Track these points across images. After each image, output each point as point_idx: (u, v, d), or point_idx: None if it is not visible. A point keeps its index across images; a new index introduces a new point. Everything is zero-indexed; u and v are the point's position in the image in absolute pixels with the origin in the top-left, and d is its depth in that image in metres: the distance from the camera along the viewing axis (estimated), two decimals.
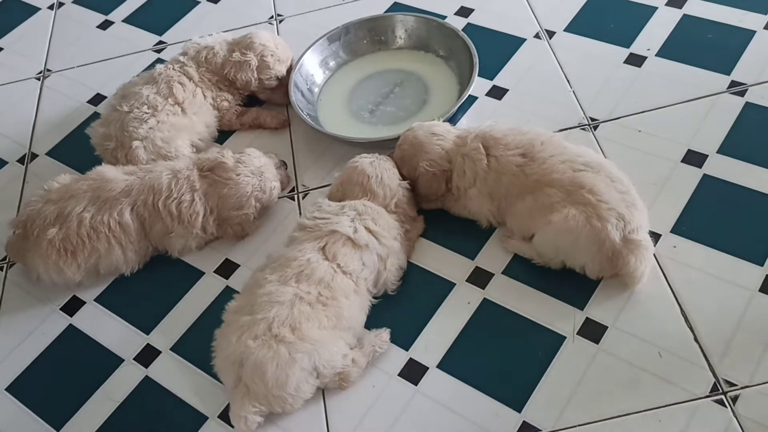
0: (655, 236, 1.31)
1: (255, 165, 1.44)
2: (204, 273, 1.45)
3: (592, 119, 1.55)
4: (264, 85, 1.65)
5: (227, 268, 1.45)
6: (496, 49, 1.73)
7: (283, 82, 1.67)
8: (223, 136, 1.69)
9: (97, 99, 1.85)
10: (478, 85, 1.64)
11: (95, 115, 1.77)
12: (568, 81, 1.63)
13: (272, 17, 1.96)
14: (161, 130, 1.54)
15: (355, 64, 1.75)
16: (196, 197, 1.40)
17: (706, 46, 1.62)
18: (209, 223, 1.43)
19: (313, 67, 1.72)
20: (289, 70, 1.68)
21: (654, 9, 1.72)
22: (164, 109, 1.57)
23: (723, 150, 1.43)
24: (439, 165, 1.38)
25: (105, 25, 2.06)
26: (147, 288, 1.45)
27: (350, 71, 1.74)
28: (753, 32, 1.62)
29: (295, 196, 1.55)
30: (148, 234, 1.43)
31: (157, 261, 1.47)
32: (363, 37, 1.76)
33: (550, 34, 1.74)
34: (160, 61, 1.87)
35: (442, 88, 1.66)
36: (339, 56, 1.75)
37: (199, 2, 2.06)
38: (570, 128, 1.54)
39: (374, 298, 1.31)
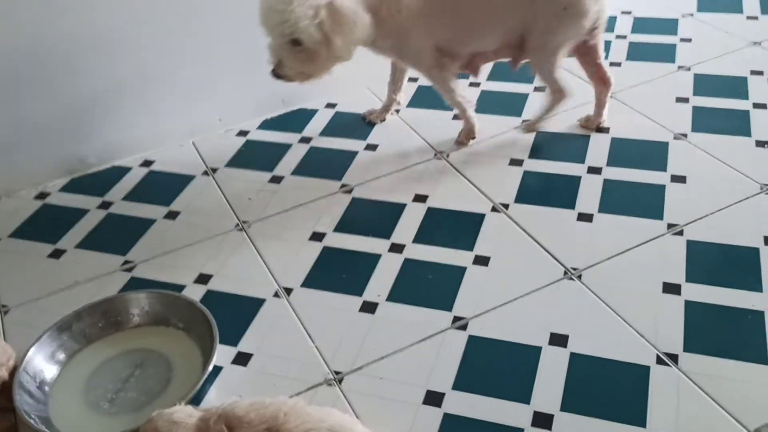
0: None
1: None
2: None
3: (337, 372, 1.59)
4: None
5: None
6: (237, 313, 1.75)
7: (6, 385, 1.53)
8: None
9: None
10: (223, 354, 1.63)
11: None
12: (309, 336, 1.68)
13: None
14: None
15: (91, 351, 1.67)
16: None
17: (428, 285, 1.78)
18: None
19: (41, 362, 1.60)
20: (13, 371, 1.55)
21: (378, 256, 1.88)
22: None
23: (457, 386, 1.52)
24: None
25: None
26: None
27: (85, 359, 1.65)
28: (464, 268, 1.82)
29: None
30: None
31: None
32: (97, 321, 1.70)
33: (288, 291, 1.81)
34: None
35: (185, 363, 1.62)
36: (70, 345, 1.66)
37: None
38: (317, 385, 1.56)
39: None
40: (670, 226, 1.86)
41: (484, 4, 1.95)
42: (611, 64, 2.59)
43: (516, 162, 2.16)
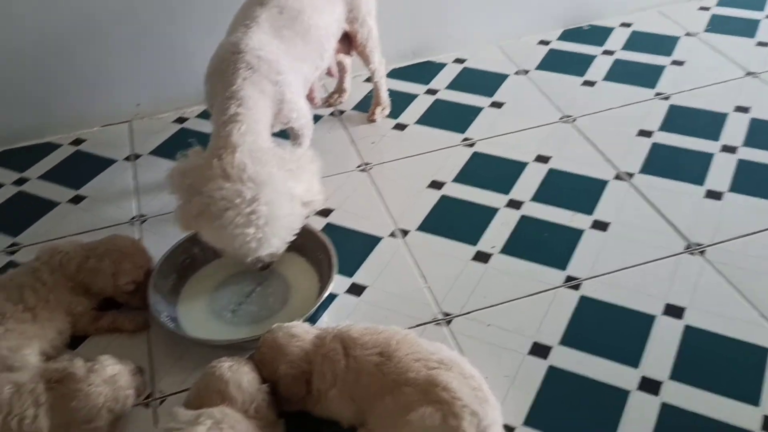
0: (510, 429, 1.36)
1: (108, 373, 1.39)
2: None
3: (446, 314, 1.63)
4: (122, 289, 1.63)
5: None
6: (354, 247, 1.82)
7: (142, 287, 1.66)
8: (76, 340, 1.63)
9: None
10: (338, 283, 1.71)
11: None
12: (423, 277, 1.72)
13: (134, 218, 1.98)
14: (7, 338, 1.47)
15: (217, 264, 1.78)
16: (41, 413, 1.32)
17: (543, 243, 1.79)
18: None
19: (173, 269, 1.73)
20: (149, 273, 1.68)
21: (495, 210, 1.90)
22: (13, 315, 1.51)
23: (564, 341, 1.54)
24: (299, 366, 1.39)
25: None
26: None
27: (212, 271, 1.76)
28: (581, 231, 1.81)
29: (151, 404, 1.49)
30: None
31: None
32: None
33: (405, 232, 1.86)
34: (12, 264, 1.82)
35: (303, 287, 1.71)
36: (200, 257, 1.77)
37: (59, 203, 2.05)
38: (426, 323, 1.61)
39: None
40: None
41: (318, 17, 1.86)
42: (759, 43, 2.47)
43: (645, 133, 2.11)
